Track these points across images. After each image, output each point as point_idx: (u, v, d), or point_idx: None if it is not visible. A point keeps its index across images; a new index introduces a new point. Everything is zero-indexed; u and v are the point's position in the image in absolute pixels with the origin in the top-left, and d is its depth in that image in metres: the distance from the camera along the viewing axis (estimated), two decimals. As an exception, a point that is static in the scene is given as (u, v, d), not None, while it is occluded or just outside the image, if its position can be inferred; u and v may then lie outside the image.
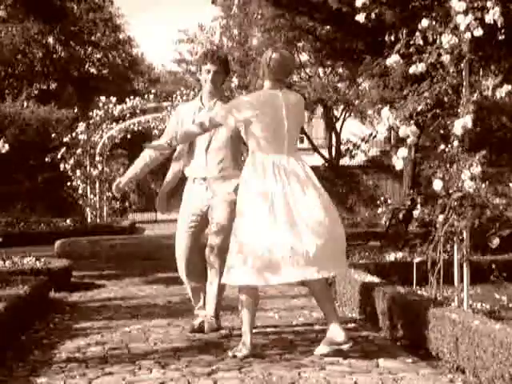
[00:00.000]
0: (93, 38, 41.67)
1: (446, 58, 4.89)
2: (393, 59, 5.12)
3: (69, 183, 18.84)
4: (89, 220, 18.56)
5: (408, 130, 4.97)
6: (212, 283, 5.59)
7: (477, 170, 4.72)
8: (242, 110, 4.85)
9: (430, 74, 4.99)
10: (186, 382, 4.31)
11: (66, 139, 18.57)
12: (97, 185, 18.94)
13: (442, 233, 4.98)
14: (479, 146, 4.97)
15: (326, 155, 27.45)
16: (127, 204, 22.70)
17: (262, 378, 4.35)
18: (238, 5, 25.71)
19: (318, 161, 26.99)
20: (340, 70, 24.61)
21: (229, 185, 5.47)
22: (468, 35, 4.79)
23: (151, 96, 18.79)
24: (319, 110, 26.26)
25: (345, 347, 4.78)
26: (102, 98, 18.72)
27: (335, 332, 4.82)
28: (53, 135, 20.67)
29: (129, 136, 19.62)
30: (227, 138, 5.53)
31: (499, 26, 4.75)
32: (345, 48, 12.51)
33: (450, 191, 4.87)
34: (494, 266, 6.64)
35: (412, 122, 4.98)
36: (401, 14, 9.87)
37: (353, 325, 5.98)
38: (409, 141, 5.02)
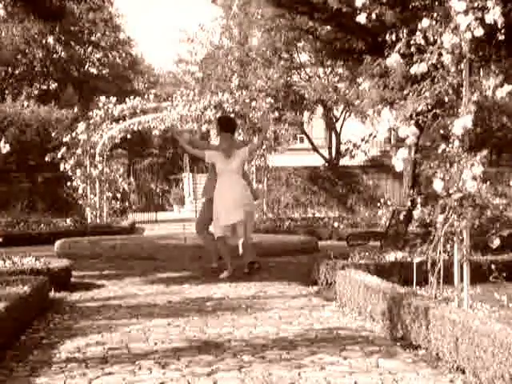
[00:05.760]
0: (93, 38, 41.73)
1: (446, 58, 4.89)
2: (393, 58, 5.11)
3: (69, 183, 18.82)
4: (89, 220, 18.53)
5: (407, 131, 4.97)
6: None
7: (478, 170, 4.72)
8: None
9: (430, 74, 4.99)
10: (185, 382, 4.31)
11: (65, 139, 18.55)
12: (97, 185, 18.91)
13: (442, 233, 4.98)
14: (479, 145, 4.97)
15: (326, 155, 27.46)
16: (127, 204, 22.66)
17: (262, 378, 4.35)
18: (238, 5, 25.74)
19: (318, 161, 26.99)
20: (340, 70, 24.62)
21: None
22: (468, 35, 4.78)
23: (151, 96, 18.79)
24: (319, 110, 26.26)
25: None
26: (102, 98, 18.71)
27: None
28: (53, 135, 20.67)
29: (129, 136, 19.62)
30: None
31: (499, 26, 4.75)
32: (345, 48, 12.51)
33: (451, 191, 4.86)
34: (493, 266, 6.64)
35: (412, 122, 4.98)
36: (401, 14, 9.87)
37: (353, 325, 5.98)
38: (408, 141, 5.02)
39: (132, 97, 19.02)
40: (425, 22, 4.96)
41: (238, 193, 9.21)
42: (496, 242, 4.91)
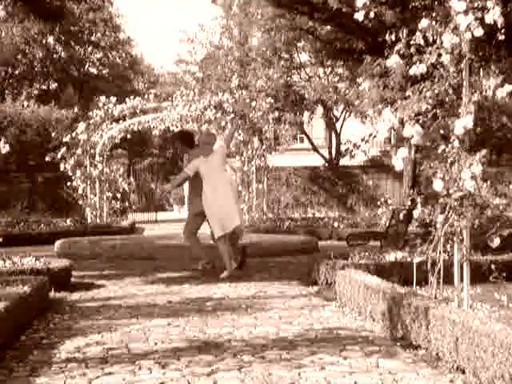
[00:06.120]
0: (93, 38, 41.69)
1: (446, 59, 4.89)
2: (393, 60, 5.11)
3: (69, 183, 18.82)
4: (89, 220, 18.52)
5: (413, 130, 4.96)
6: None
7: (477, 169, 4.72)
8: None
9: (430, 74, 4.99)
10: (186, 382, 4.31)
11: (65, 139, 18.54)
12: (97, 185, 18.90)
13: (442, 233, 4.98)
14: (479, 145, 4.96)
15: (326, 155, 27.45)
16: (127, 204, 22.65)
17: (262, 378, 4.35)
18: (238, 4, 25.75)
19: (318, 161, 26.98)
20: (340, 70, 24.62)
21: None
22: (468, 35, 4.78)
23: (151, 96, 18.79)
24: (319, 110, 26.25)
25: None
26: (102, 98, 18.70)
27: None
28: (53, 135, 20.66)
29: (129, 136, 19.61)
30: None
31: (499, 26, 4.75)
32: (345, 48, 12.53)
33: (451, 191, 4.86)
34: (493, 266, 6.63)
35: (412, 122, 4.98)
36: (401, 14, 9.87)
37: (353, 325, 5.98)
38: (413, 141, 5.02)
39: (132, 97, 19.01)
40: (424, 22, 4.96)
41: (230, 192, 9.36)
42: (496, 242, 4.91)
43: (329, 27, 14.06)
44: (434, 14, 5.00)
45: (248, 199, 18.30)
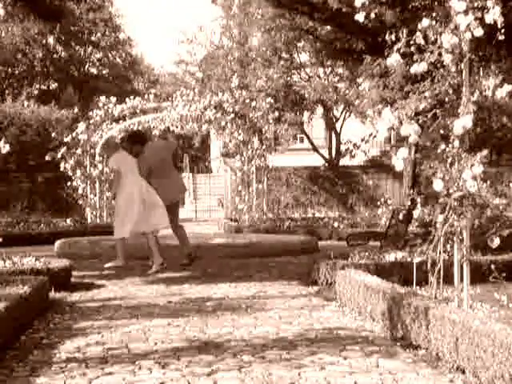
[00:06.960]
0: (93, 38, 41.74)
1: (447, 58, 4.89)
2: (394, 58, 5.11)
3: (69, 183, 18.83)
4: (89, 220, 18.54)
5: (410, 129, 4.96)
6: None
7: (478, 169, 4.71)
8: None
9: (430, 74, 4.99)
10: (185, 382, 4.31)
11: (66, 139, 18.55)
12: (97, 185, 18.92)
13: (442, 233, 4.98)
14: (479, 145, 4.96)
15: (326, 155, 27.44)
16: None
17: (262, 378, 4.35)
18: (238, 5, 25.74)
19: (318, 161, 26.97)
20: (340, 70, 24.62)
21: None
22: (468, 35, 4.78)
23: (151, 96, 18.80)
24: (319, 110, 26.25)
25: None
26: (102, 98, 18.72)
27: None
28: (53, 135, 20.68)
29: (129, 136, 19.57)
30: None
31: (499, 25, 4.75)
32: (345, 48, 12.52)
33: (450, 191, 4.86)
34: (493, 266, 6.63)
35: (412, 121, 4.97)
36: (401, 14, 9.87)
37: (353, 325, 5.98)
38: (410, 139, 5.01)
39: (132, 97, 19.02)
40: (425, 22, 4.96)
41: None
42: (496, 242, 4.91)
43: (329, 27, 14.06)
44: (434, 14, 5.00)
45: (248, 199, 18.29)
